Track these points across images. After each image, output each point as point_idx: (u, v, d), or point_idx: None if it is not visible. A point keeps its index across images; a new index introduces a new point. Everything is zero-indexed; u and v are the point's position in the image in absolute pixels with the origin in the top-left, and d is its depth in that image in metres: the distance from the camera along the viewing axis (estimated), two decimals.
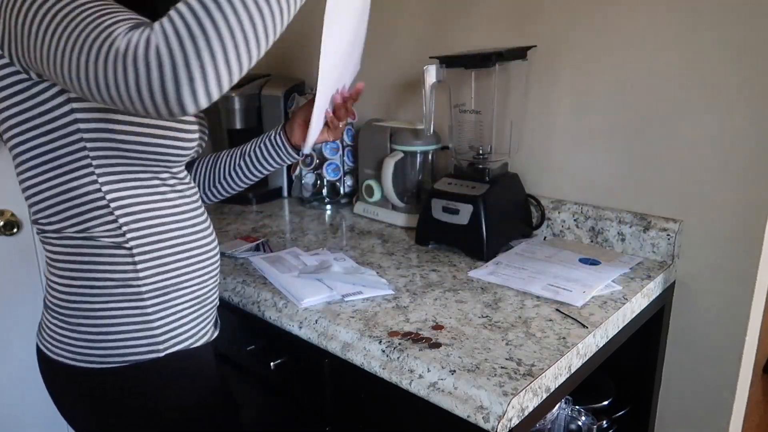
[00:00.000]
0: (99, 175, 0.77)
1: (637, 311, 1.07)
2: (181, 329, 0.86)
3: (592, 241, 1.29)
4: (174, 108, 0.61)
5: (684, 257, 1.18)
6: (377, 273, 1.14)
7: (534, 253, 1.23)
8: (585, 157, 1.28)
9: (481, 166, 1.28)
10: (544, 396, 0.83)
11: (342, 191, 1.64)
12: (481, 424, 0.76)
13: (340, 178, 1.63)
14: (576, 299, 1.01)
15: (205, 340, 0.92)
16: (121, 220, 0.79)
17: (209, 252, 0.90)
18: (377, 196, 1.50)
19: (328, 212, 1.60)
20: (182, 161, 0.85)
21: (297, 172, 1.66)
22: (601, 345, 0.96)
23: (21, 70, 0.72)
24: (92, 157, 0.76)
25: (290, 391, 1.13)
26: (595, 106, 1.24)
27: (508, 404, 0.75)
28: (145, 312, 0.82)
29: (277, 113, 1.67)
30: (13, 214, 1.41)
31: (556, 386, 0.85)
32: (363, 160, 1.55)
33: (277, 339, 1.09)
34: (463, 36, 1.42)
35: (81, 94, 0.65)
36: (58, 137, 0.75)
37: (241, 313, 1.12)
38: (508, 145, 1.31)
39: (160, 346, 0.84)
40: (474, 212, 1.21)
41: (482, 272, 1.15)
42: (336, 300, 1.04)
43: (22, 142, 0.76)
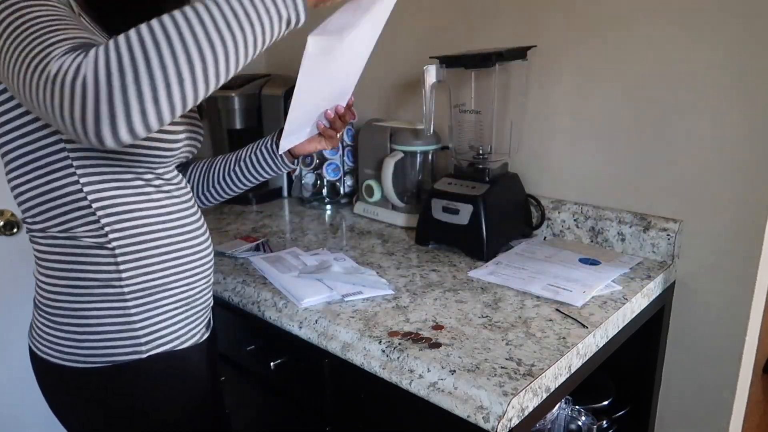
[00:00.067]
0: (80, 176, 0.77)
1: (637, 311, 1.07)
2: (166, 330, 0.85)
3: (592, 241, 1.29)
4: (93, 141, 0.59)
5: (684, 257, 1.18)
6: (377, 273, 1.14)
7: (534, 253, 1.23)
8: (585, 157, 1.28)
9: (481, 166, 1.28)
10: (544, 396, 0.83)
11: (342, 191, 1.64)
12: (481, 424, 0.76)
13: (340, 178, 1.63)
14: (576, 299, 1.01)
15: (194, 342, 0.91)
16: (103, 220, 0.78)
17: (200, 253, 0.89)
18: (377, 196, 1.50)
19: (328, 212, 1.60)
20: (166, 163, 0.84)
21: (297, 172, 1.66)
22: (601, 345, 0.96)
23: None
24: (72, 158, 0.76)
25: (290, 391, 1.13)
26: (595, 106, 1.24)
27: (508, 404, 0.75)
28: (128, 313, 0.81)
29: (277, 113, 1.67)
30: (13, 215, 1.41)
31: (556, 386, 0.85)
32: (363, 160, 1.55)
33: (277, 339, 1.09)
34: (463, 36, 1.42)
35: (29, 108, 0.64)
36: (38, 138, 0.75)
37: (241, 313, 1.12)
38: (508, 145, 1.31)
39: (143, 348, 0.83)
40: (474, 212, 1.21)
41: (482, 272, 1.15)
42: (336, 300, 1.04)
43: (6, 143, 0.76)
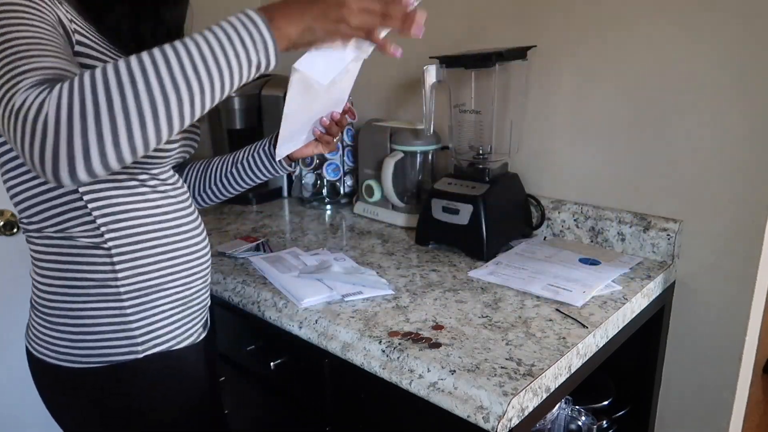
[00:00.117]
0: None
1: (637, 311, 1.07)
2: (162, 330, 0.85)
3: (592, 241, 1.29)
4: (50, 178, 0.59)
5: (684, 257, 1.18)
6: (377, 273, 1.14)
7: (534, 253, 1.23)
8: (585, 157, 1.28)
9: (481, 166, 1.28)
10: (544, 396, 0.83)
11: (342, 191, 1.64)
12: (481, 424, 0.76)
13: (340, 178, 1.63)
14: (576, 299, 1.01)
15: (191, 342, 0.91)
16: (99, 220, 0.78)
17: (197, 253, 0.89)
18: (377, 196, 1.50)
19: (328, 212, 1.60)
20: (160, 164, 0.84)
21: (297, 172, 1.66)
22: (601, 345, 0.96)
23: None
24: None
25: (290, 391, 1.13)
26: (595, 106, 1.24)
27: (508, 404, 0.75)
28: (124, 313, 0.81)
29: (277, 113, 1.65)
30: (13, 215, 1.41)
31: (556, 386, 0.85)
32: (363, 160, 1.55)
33: (277, 339, 1.09)
34: (463, 36, 1.42)
35: None
36: None
37: (241, 313, 1.12)
38: (508, 145, 1.31)
39: (139, 348, 0.83)
40: (474, 212, 1.21)
41: (482, 272, 1.15)
42: (336, 300, 1.04)
43: (2, 143, 0.77)
